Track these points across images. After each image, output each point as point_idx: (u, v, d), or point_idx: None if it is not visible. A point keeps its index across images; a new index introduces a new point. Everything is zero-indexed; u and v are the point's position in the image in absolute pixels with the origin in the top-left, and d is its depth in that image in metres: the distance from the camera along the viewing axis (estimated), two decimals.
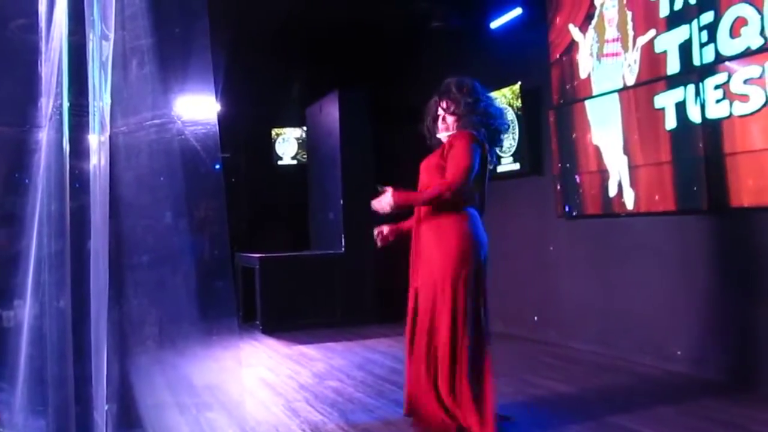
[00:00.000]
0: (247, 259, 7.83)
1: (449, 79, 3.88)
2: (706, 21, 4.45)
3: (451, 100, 3.82)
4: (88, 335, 2.47)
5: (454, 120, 3.81)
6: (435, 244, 3.71)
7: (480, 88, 3.87)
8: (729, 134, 4.33)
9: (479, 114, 3.77)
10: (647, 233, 5.16)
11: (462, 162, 3.63)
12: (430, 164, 3.85)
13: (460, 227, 3.69)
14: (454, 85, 3.83)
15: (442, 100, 3.86)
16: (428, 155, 3.92)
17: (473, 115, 3.76)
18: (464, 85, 3.83)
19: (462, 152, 3.65)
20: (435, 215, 3.73)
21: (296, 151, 9.49)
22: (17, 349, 2.55)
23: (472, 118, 3.76)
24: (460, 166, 3.62)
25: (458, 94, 3.80)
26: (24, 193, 2.55)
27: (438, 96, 3.89)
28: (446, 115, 3.84)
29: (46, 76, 2.54)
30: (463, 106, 3.77)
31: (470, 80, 3.87)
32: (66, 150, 2.44)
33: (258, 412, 4.16)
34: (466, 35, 7.09)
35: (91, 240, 2.51)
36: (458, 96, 3.79)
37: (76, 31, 2.53)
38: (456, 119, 3.80)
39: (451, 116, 3.82)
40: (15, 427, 2.54)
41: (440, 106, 3.87)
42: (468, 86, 3.82)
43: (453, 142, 3.72)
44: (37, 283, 2.50)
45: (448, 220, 3.70)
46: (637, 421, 3.73)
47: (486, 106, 3.81)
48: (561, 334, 6.02)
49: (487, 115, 3.80)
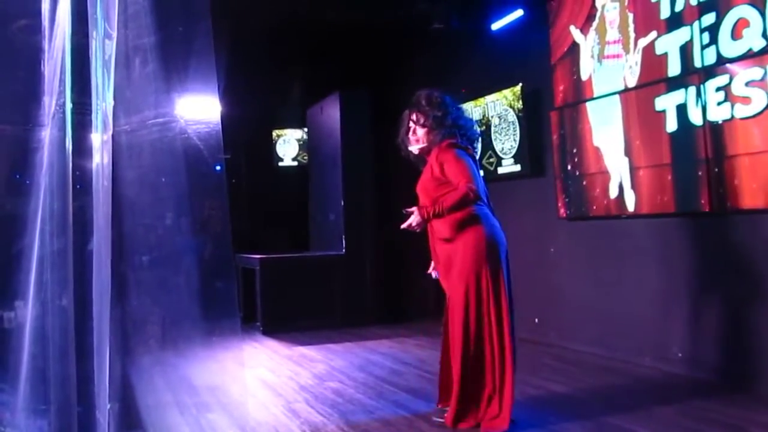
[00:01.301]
0: (248, 260, 7.83)
1: (420, 91, 4.03)
2: (708, 22, 4.45)
3: (421, 113, 3.96)
4: (91, 334, 2.46)
5: (424, 132, 3.95)
6: (452, 248, 3.81)
7: (450, 101, 3.99)
8: (730, 137, 4.32)
9: (448, 126, 3.89)
10: (648, 235, 5.16)
11: (463, 169, 3.77)
12: (424, 184, 3.96)
13: (476, 227, 3.78)
14: (423, 98, 3.97)
15: (413, 112, 3.99)
16: (419, 178, 4.03)
17: (442, 127, 3.89)
18: (433, 98, 3.95)
19: (456, 162, 3.79)
20: (449, 220, 3.81)
21: (297, 153, 9.49)
22: (19, 349, 2.55)
23: (443, 130, 3.88)
24: (464, 172, 3.76)
25: (427, 107, 3.94)
26: (26, 192, 2.54)
27: (409, 108, 4.02)
28: (416, 127, 3.97)
29: (49, 74, 2.54)
30: (432, 119, 3.91)
31: (440, 93, 3.99)
32: (69, 149, 2.44)
33: (258, 412, 4.15)
34: (467, 37, 7.10)
35: (94, 239, 2.51)
36: (427, 109, 3.94)
37: (79, 30, 2.53)
38: (426, 132, 3.94)
39: (421, 128, 3.96)
40: (17, 427, 2.54)
41: (410, 119, 4.00)
42: (437, 99, 3.95)
43: (441, 156, 3.84)
44: (39, 282, 2.49)
45: (462, 222, 3.79)
46: (636, 422, 3.73)
47: (455, 119, 3.95)
48: (561, 336, 6.02)
49: (457, 127, 3.94)
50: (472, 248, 3.74)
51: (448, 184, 3.80)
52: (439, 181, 3.84)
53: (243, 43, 7.36)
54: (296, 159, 9.51)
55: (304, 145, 9.38)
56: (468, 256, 3.74)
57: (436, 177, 3.85)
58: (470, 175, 3.75)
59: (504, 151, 6.61)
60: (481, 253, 3.74)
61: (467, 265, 3.74)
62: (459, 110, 4.02)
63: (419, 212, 3.82)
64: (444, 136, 3.87)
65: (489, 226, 3.82)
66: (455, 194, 3.73)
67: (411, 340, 6.65)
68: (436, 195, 3.85)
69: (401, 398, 4.45)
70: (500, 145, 6.65)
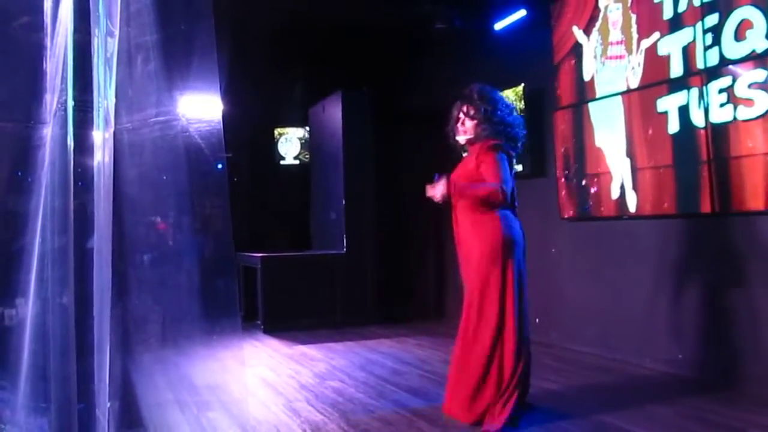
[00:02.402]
0: (249, 259, 7.83)
1: (473, 84, 4.12)
2: (711, 23, 4.44)
3: (472, 106, 4.05)
4: (91, 332, 2.46)
5: (473, 125, 4.04)
6: (472, 245, 3.91)
7: (500, 97, 4.12)
8: (732, 138, 4.32)
9: (496, 122, 3.98)
10: (649, 236, 5.16)
11: (498, 171, 3.84)
12: (459, 176, 4.02)
13: (494, 225, 3.86)
14: (475, 92, 4.07)
15: (464, 104, 4.09)
16: (457, 165, 4.13)
17: (490, 123, 3.98)
18: (485, 92, 4.06)
19: (493, 164, 3.86)
20: (471, 220, 3.93)
21: (299, 151, 9.49)
22: (20, 347, 2.55)
23: (490, 126, 3.97)
24: (498, 175, 3.83)
25: (479, 100, 4.04)
26: (28, 189, 2.54)
27: (460, 100, 4.11)
28: (465, 119, 4.06)
29: (50, 72, 2.54)
30: (482, 113, 4.00)
31: (491, 89, 4.11)
32: (70, 146, 2.44)
33: (259, 411, 4.15)
34: (469, 37, 7.09)
35: (95, 237, 2.51)
36: (478, 102, 4.03)
37: (81, 27, 2.53)
38: (475, 124, 4.03)
39: (470, 121, 4.05)
40: (17, 424, 2.54)
41: (461, 110, 4.09)
42: (488, 94, 4.06)
43: (481, 156, 3.92)
44: (40, 280, 2.49)
45: (483, 219, 3.88)
46: (635, 422, 3.73)
47: (503, 115, 4.03)
48: (562, 336, 6.02)
49: (504, 124, 4.01)
50: (489, 246, 3.83)
51: (480, 182, 3.89)
52: (472, 176, 3.93)
53: (245, 42, 7.36)
54: (298, 158, 9.50)
55: (306, 144, 9.38)
56: (485, 254, 3.83)
57: (470, 172, 3.96)
58: (503, 178, 3.81)
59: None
60: (497, 253, 3.82)
61: (483, 264, 3.83)
62: (508, 108, 4.10)
63: (446, 185, 3.86)
64: (490, 133, 3.96)
65: (507, 227, 3.88)
66: (485, 188, 3.82)
67: (412, 339, 6.65)
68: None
69: (402, 398, 4.44)
70: None
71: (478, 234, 3.88)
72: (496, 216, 3.87)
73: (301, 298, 7.49)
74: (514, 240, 3.90)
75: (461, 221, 4.00)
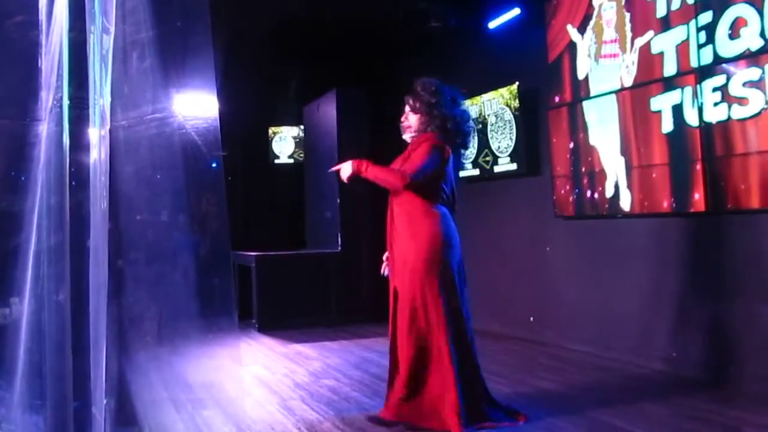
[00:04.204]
0: (244, 258, 7.82)
1: (418, 78, 3.99)
2: (705, 21, 4.45)
3: (415, 99, 3.93)
4: (87, 330, 2.46)
5: (417, 119, 3.92)
6: (408, 245, 3.77)
7: (446, 89, 3.95)
8: (727, 137, 4.33)
9: (439, 116, 3.85)
10: (644, 235, 5.17)
11: (418, 161, 3.73)
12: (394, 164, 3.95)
13: (431, 227, 3.74)
14: (419, 85, 3.95)
15: (408, 97, 3.97)
16: (394, 160, 4.02)
17: (432, 116, 3.86)
18: (429, 85, 3.92)
19: (421, 153, 3.76)
20: (408, 214, 3.81)
21: (293, 150, 9.48)
22: (16, 344, 2.54)
23: (434, 120, 3.86)
24: (415, 164, 3.73)
25: (422, 92, 3.91)
26: (23, 187, 2.54)
27: (406, 95, 3.99)
28: (410, 113, 3.96)
29: (46, 69, 2.53)
30: (425, 106, 3.88)
31: (436, 81, 3.94)
32: (66, 143, 2.43)
33: (253, 410, 4.15)
34: (464, 35, 7.10)
35: (91, 234, 2.50)
36: (422, 95, 3.90)
37: (77, 24, 2.52)
38: (419, 118, 3.91)
39: (413, 114, 3.93)
40: (13, 422, 2.53)
41: (407, 104, 3.98)
42: (431, 87, 3.91)
43: (416, 145, 3.84)
44: (36, 278, 2.49)
45: (420, 220, 3.77)
46: (630, 421, 3.74)
47: (447, 108, 3.88)
48: (557, 335, 6.03)
49: (447, 118, 3.87)
50: (427, 247, 3.70)
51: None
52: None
53: (240, 40, 7.35)
54: (292, 156, 9.50)
55: (301, 142, 9.38)
56: (422, 255, 3.70)
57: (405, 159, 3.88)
58: (419, 167, 3.70)
59: (500, 149, 6.61)
60: (436, 254, 3.69)
61: (420, 265, 3.70)
62: (454, 101, 3.94)
63: (354, 163, 3.84)
64: (435, 127, 3.85)
65: (445, 226, 3.77)
66: (389, 172, 3.77)
67: None
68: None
69: None
70: (496, 144, 6.66)
71: (416, 233, 3.74)
72: (435, 213, 3.76)
73: (295, 296, 7.49)
74: (451, 241, 3.77)
75: (397, 215, 3.86)
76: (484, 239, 7.08)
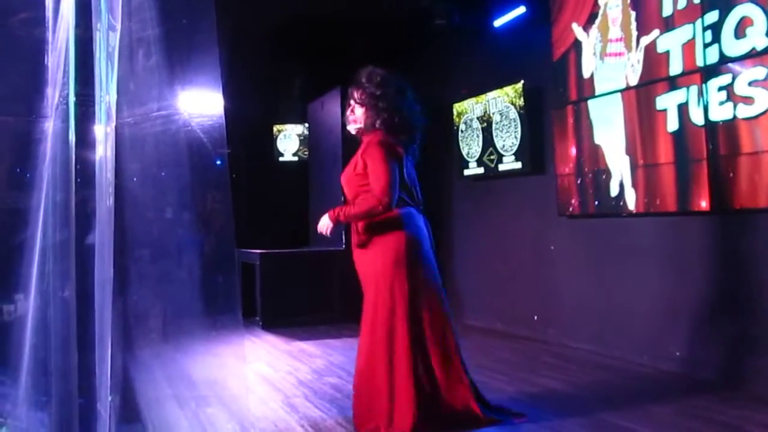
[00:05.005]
0: (248, 255, 7.83)
1: (363, 68, 3.76)
2: (711, 21, 4.45)
3: (360, 90, 3.72)
4: (92, 327, 2.46)
5: (362, 112, 3.72)
6: (374, 254, 3.63)
7: (393, 81, 3.70)
8: (732, 136, 4.32)
9: (385, 109, 3.64)
10: (648, 234, 5.17)
11: (383, 176, 3.53)
12: (349, 178, 3.75)
13: (396, 225, 3.60)
14: (364, 75, 3.72)
15: (352, 89, 3.76)
16: (346, 166, 3.83)
17: (377, 109, 3.65)
18: (373, 75, 3.70)
19: (379, 165, 3.55)
20: (369, 225, 3.64)
21: (297, 148, 9.49)
22: (20, 341, 2.55)
23: (380, 113, 3.64)
24: (382, 181, 3.52)
25: (366, 83, 3.70)
26: (29, 184, 2.54)
27: (350, 86, 3.79)
28: (356, 106, 3.74)
29: (52, 66, 2.54)
30: (371, 98, 3.66)
31: (383, 71, 3.72)
32: (72, 140, 2.43)
33: (257, 407, 4.16)
34: (469, 33, 7.09)
35: (96, 231, 2.50)
36: (366, 86, 3.70)
37: (83, 21, 2.52)
38: (364, 111, 3.70)
39: (359, 107, 3.72)
40: (18, 419, 2.54)
41: (351, 96, 3.78)
42: (377, 77, 3.68)
43: (366, 154, 3.62)
44: (41, 274, 2.49)
45: (382, 228, 3.61)
46: (633, 420, 3.74)
47: (392, 100, 3.66)
48: (560, 334, 6.03)
49: (392, 111, 3.65)
50: (392, 257, 3.57)
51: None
52: (361, 176, 3.64)
53: (245, 38, 7.35)
54: (297, 154, 9.50)
55: (305, 140, 9.38)
56: (388, 266, 3.57)
57: (358, 174, 3.65)
58: (387, 183, 3.50)
59: (505, 148, 6.61)
60: (401, 262, 3.56)
61: (387, 273, 3.57)
62: (401, 92, 3.71)
63: (329, 215, 3.66)
64: (382, 122, 3.64)
65: (410, 226, 3.63)
66: (363, 204, 3.57)
67: None
68: (357, 190, 3.68)
69: None
70: (501, 142, 6.65)
71: (380, 238, 3.59)
72: (397, 215, 3.60)
73: (299, 294, 7.50)
74: (419, 240, 3.63)
75: (361, 227, 3.70)
76: (488, 238, 7.09)
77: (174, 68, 2.85)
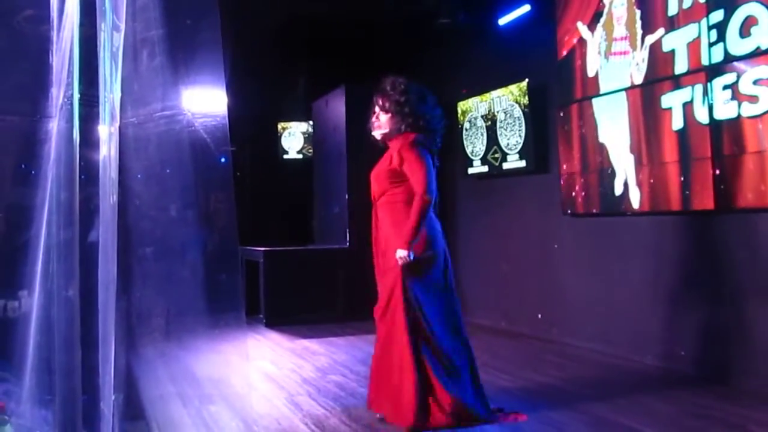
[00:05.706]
0: (252, 253, 7.84)
1: (386, 77, 3.96)
2: (716, 20, 4.43)
3: (385, 98, 3.90)
4: (96, 325, 2.48)
5: (387, 118, 3.89)
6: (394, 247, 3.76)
7: (415, 88, 3.92)
8: (737, 135, 4.31)
9: (408, 114, 3.83)
10: (652, 233, 5.16)
11: (423, 173, 3.73)
12: (380, 173, 3.92)
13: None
14: (388, 83, 3.93)
15: (377, 97, 3.94)
16: (376, 164, 3.99)
17: (403, 115, 3.83)
18: (397, 83, 3.90)
19: (417, 163, 3.75)
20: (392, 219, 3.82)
21: (302, 146, 9.49)
22: (24, 339, 2.56)
23: (403, 119, 3.83)
24: (424, 178, 3.72)
25: (391, 91, 3.88)
26: (33, 183, 2.56)
27: (376, 93, 3.97)
28: (380, 112, 3.93)
29: (57, 66, 2.55)
30: (395, 105, 3.85)
31: (405, 80, 3.92)
32: (76, 140, 2.44)
33: (260, 405, 4.17)
34: (473, 32, 7.08)
35: (100, 230, 2.52)
36: (391, 94, 3.88)
37: (87, 21, 2.53)
38: (389, 118, 3.89)
39: (384, 114, 3.91)
40: (22, 416, 2.55)
41: (376, 103, 3.95)
42: (400, 85, 3.89)
43: (404, 153, 3.79)
44: (45, 273, 2.50)
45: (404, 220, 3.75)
46: (637, 419, 3.74)
47: (416, 106, 3.85)
48: (564, 332, 6.03)
49: (418, 116, 3.84)
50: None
51: (401, 179, 3.78)
52: (394, 173, 3.81)
53: (249, 37, 7.35)
54: (301, 152, 9.51)
55: (309, 138, 9.38)
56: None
57: (392, 169, 3.82)
58: (428, 180, 3.72)
59: (509, 146, 6.61)
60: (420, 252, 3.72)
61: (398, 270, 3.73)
62: (424, 99, 3.92)
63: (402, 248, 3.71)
64: (407, 126, 3.83)
65: (428, 228, 3.77)
66: (412, 214, 3.70)
67: None
68: (386, 187, 3.85)
69: None
70: (505, 141, 6.65)
71: (399, 237, 3.74)
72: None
73: (303, 292, 7.50)
74: (436, 240, 3.80)
75: (381, 220, 3.90)
76: (492, 236, 7.09)
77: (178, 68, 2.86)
